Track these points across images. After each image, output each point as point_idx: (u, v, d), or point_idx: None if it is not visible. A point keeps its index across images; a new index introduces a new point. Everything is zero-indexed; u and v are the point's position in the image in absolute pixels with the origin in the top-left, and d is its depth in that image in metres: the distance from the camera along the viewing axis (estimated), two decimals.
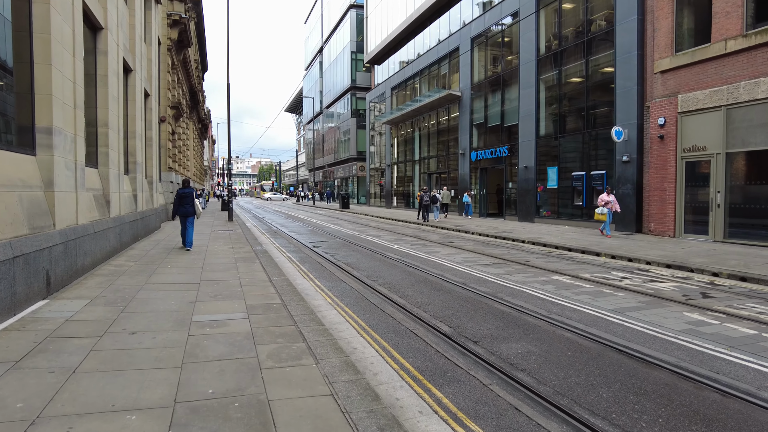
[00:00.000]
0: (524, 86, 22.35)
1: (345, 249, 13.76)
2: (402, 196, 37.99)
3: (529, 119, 22.00)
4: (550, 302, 7.30)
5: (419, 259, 11.78)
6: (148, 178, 17.01)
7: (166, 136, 23.37)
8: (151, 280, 7.92)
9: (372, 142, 45.30)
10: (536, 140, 21.70)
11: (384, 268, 10.46)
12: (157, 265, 9.48)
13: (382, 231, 19.76)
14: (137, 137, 13.90)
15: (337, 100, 56.61)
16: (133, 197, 13.52)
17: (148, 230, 15.48)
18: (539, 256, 12.55)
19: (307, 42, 74.70)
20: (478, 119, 26.49)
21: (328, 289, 8.25)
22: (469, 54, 26.90)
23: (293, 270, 9.97)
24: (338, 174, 57.40)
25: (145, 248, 12.16)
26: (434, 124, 31.74)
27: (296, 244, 14.97)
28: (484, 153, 25.39)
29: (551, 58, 21.01)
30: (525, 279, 9.19)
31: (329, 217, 29.19)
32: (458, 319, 6.32)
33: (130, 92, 13.44)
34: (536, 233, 17.14)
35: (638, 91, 16.57)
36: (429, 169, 32.77)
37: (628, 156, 16.90)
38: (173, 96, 25.72)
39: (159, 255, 11.02)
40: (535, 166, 21.79)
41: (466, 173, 27.24)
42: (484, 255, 12.59)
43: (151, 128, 17.04)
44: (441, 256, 12.32)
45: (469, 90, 26.96)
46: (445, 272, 9.81)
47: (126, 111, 13.36)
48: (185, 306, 6.24)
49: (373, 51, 43.08)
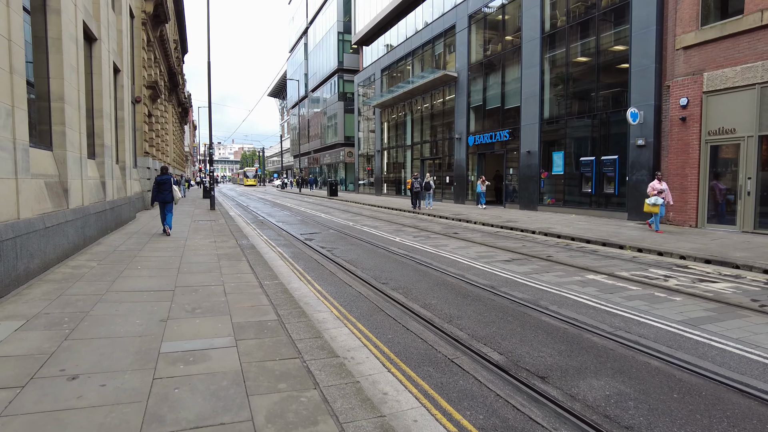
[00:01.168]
0: (527, 66, 20.98)
1: (342, 242, 12.35)
2: (393, 183, 36.56)
3: (533, 101, 20.68)
4: (604, 312, 6.03)
5: (428, 254, 10.44)
6: (120, 163, 15.33)
7: (141, 118, 21.55)
8: (114, 288, 6.43)
9: (360, 127, 43.65)
10: (540, 124, 20.41)
11: (391, 266, 9.10)
12: (125, 266, 7.98)
13: (378, 221, 18.38)
14: (105, 117, 12.23)
15: (323, 83, 54.62)
16: (100, 184, 11.90)
17: (120, 221, 13.86)
18: (559, 249, 11.31)
19: (291, 23, 72.15)
20: (476, 101, 25.09)
21: (332, 295, 6.86)
22: (466, 32, 25.40)
23: (286, 270, 8.55)
24: (325, 160, 55.65)
25: (114, 243, 10.61)
26: (428, 107, 30.26)
27: (286, 237, 13.52)
28: (483, 137, 24.05)
29: (557, 36, 19.65)
30: (558, 280, 7.91)
31: (318, 206, 27.68)
32: (506, 340, 5.00)
33: (95, 64, 11.74)
34: (544, 223, 15.92)
35: (656, 70, 15.33)
36: (422, 155, 31.36)
37: (643, 140, 15.70)
38: (149, 75, 23.79)
39: (129, 251, 9.50)
40: (538, 151, 20.53)
41: (463, 159, 25.91)
42: (499, 249, 11.30)
43: (122, 108, 15.32)
44: (451, 250, 11.00)
45: (467, 71, 25.50)
46: (464, 271, 8.49)
47: (91, 86, 11.68)
48: (153, 326, 4.81)
49: (362, 31, 41.24)
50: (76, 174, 9.21)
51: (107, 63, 12.53)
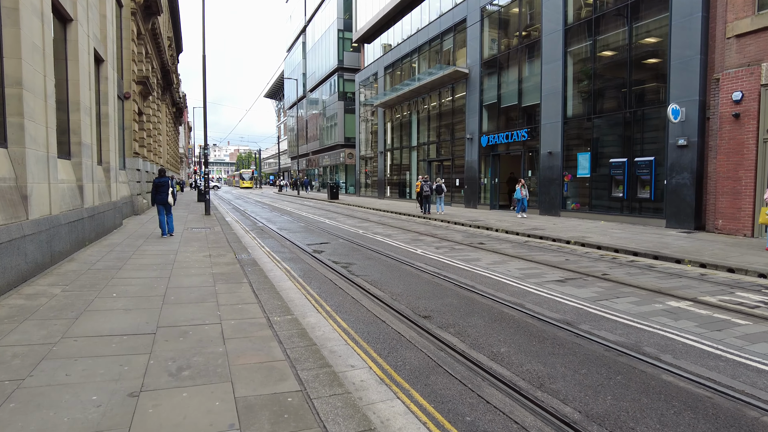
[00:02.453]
0: (548, 60, 19.46)
1: (356, 255, 10.74)
2: (396, 186, 34.97)
3: (554, 98, 19.15)
4: (735, 363, 4.45)
5: (462, 271, 8.84)
6: (104, 164, 13.66)
7: (131, 115, 19.88)
8: (73, 331, 4.79)
9: (361, 128, 42.04)
10: (563, 122, 18.88)
11: (425, 289, 7.50)
12: (96, 293, 6.34)
13: (389, 227, 16.76)
14: (83, 110, 10.58)
15: (322, 83, 53.00)
16: (76, 189, 10.24)
17: (103, 230, 12.20)
18: (610, 264, 9.73)
19: (289, 22, 70.53)
20: (490, 99, 23.54)
21: (364, 337, 5.25)
22: (479, 26, 23.86)
23: (299, 296, 6.92)
24: (324, 162, 53.99)
25: (90, 258, 8.95)
26: (436, 105, 28.70)
27: (291, 248, 11.89)
28: (497, 137, 22.49)
29: (582, 27, 18.13)
30: (638, 309, 6.33)
31: (320, 210, 26.04)
32: (641, 425, 3.40)
33: (70, 49, 10.09)
34: (574, 230, 14.36)
35: (702, 62, 13.82)
36: (428, 156, 29.79)
37: (685, 139, 14.19)
38: (140, 70, 22.13)
39: (107, 270, 7.85)
40: (561, 152, 18.99)
41: (475, 160, 24.34)
42: (541, 264, 9.72)
43: (107, 102, 13.66)
44: (486, 266, 9.40)
45: (479, 67, 23.96)
46: (519, 297, 6.89)
47: (66, 74, 10.04)
48: (117, 409, 3.19)
49: (363, 28, 39.66)
50: (40, 176, 7.56)
51: (86, 49, 10.88)
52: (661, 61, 15.28)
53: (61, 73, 9.98)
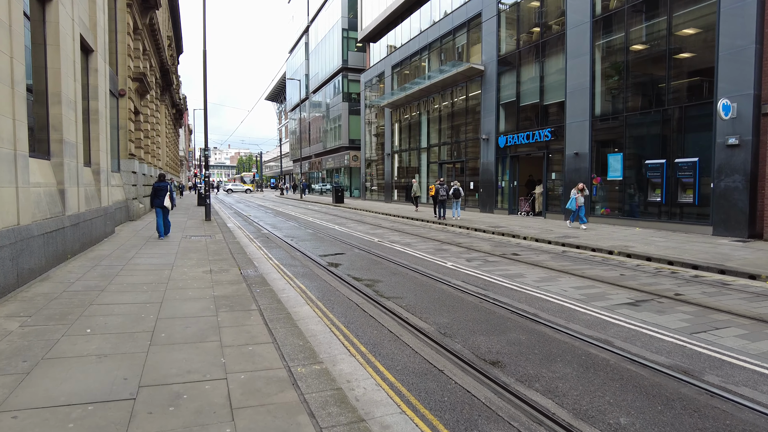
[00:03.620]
0: (573, 55, 18.11)
1: (379, 270, 9.36)
2: (404, 189, 33.59)
3: (581, 95, 17.79)
4: None
5: (510, 292, 7.46)
6: (93, 165, 12.31)
7: (126, 114, 18.54)
8: (15, 398, 3.41)
9: (367, 129, 40.70)
10: (591, 121, 17.52)
11: (480, 318, 6.11)
12: (65, 328, 4.96)
13: (406, 235, 15.38)
14: (66, 104, 9.23)
15: (326, 83, 51.70)
16: (57, 193, 8.87)
17: (90, 240, 10.83)
18: (674, 281, 8.34)
19: (291, 23, 69.30)
20: (508, 97, 22.19)
21: (431, 406, 3.86)
22: (495, 20, 22.54)
23: (322, 329, 5.54)
24: (327, 164, 52.63)
25: (68, 277, 7.57)
26: (447, 105, 27.34)
27: (303, 260, 10.51)
28: (516, 138, 21.13)
29: (613, 18, 16.79)
30: (756, 346, 4.95)
31: (326, 215, 24.66)
32: None
33: (50, 32, 8.74)
34: (611, 239, 12.97)
35: (757, 52, 12.47)
36: (440, 158, 28.42)
37: (736, 138, 12.82)
38: (136, 67, 20.82)
39: (85, 292, 6.47)
40: (589, 153, 17.61)
41: (491, 162, 22.96)
42: (595, 281, 8.34)
43: (97, 97, 12.30)
44: (534, 284, 8.02)
45: (496, 63, 22.61)
46: (601, 331, 5.50)
47: (45, 61, 8.69)
48: None
49: (369, 26, 38.38)
50: (6, 179, 6.21)
51: (69, 34, 9.53)
52: (706, 52, 13.93)
53: (39, 59, 8.64)
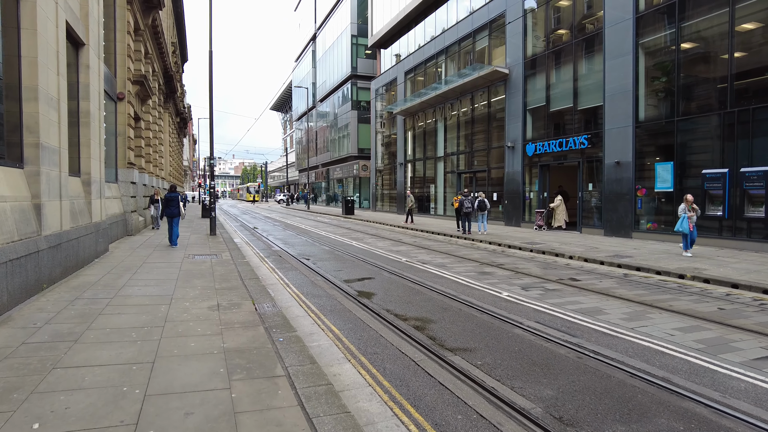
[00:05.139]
0: (612, 55, 16.53)
1: (421, 302, 7.69)
2: (419, 201, 31.97)
3: (622, 99, 16.18)
4: None
5: (599, 336, 5.77)
6: (83, 175, 10.74)
7: (125, 120, 17.03)
8: None
9: (378, 138, 39.17)
10: (635, 126, 15.88)
11: (583, 383, 4.44)
12: (2, 418, 3.31)
13: (434, 252, 13.71)
14: (46, 101, 7.68)
15: (334, 91, 50.35)
16: (31, 209, 7.27)
17: (76, 262, 9.22)
18: None
19: (298, 31, 68.27)
20: (536, 102, 20.60)
21: None
22: (521, 21, 21.03)
23: (379, 407, 3.88)
24: (335, 174, 51.11)
25: (37, 316, 5.93)
26: (467, 111, 25.77)
27: (327, 288, 8.84)
28: (547, 145, 19.50)
29: (661, 14, 15.22)
30: None
31: (338, 228, 23.02)
32: None
33: (24, 13, 7.20)
34: (671, 259, 11.26)
35: None
36: (458, 168, 26.80)
37: None
38: (137, 69, 19.36)
39: (52, 345, 4.83)
40: (632, 162, 15.95)
41: (518, 171, 21.33)
42: (693, 318, 6.64)
43: (88, 97, 10.76)
44: (622, 323, 6.33)
45: (522, 66, 21.07)
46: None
47: (18, 49, 7.15)
48: None
49: (380, 32, 37.05)
50: None
51: (51, 18, 8.00)
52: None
53: (10, 46, 7.10)
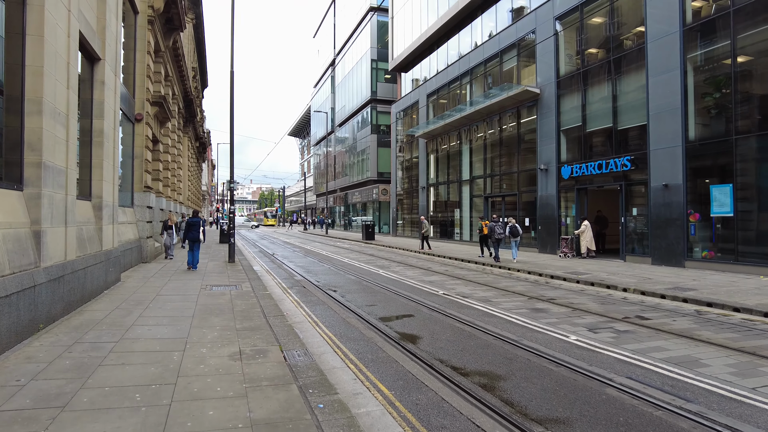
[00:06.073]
0: (656, 71, 15.47)
1: (478, 350, 6.51)
2: (441, 225, 30.83)
3: (670, 117, 15.03)
4: None
5: (728, 405, 4.55)
6: (94, 199, 9.91)
7: (142, 141, 16.37)
8: None
9: (398, 161, 38.35)
10: (684, 146, 14.68)
11: None
12: None
13: (471, 284, 12.51)
14: (51, 115, 6.85)
15: (354, 115, 49.99)
16: (30, 237, 6.36)
17: (81, 296, 8.27)
18: None
19: (317, 57, 68.76)
20: (570, 122, 19.54)
21: None
22: (553, 39, 20.16)
23: None
24: (354, 198, 50.31)
25: (21, 372, 4.92)
26: (494, 132, 24.80)
27: (362, 328, 7.72)
28: (584, 168, 18.33)
29: (710, 26, 14.19)
30: None
31: (361, 254, 21.93)
32: None
33: (31, 17, 6.44)
34: (743, 292, 9.90)
35: None
36: (485, 192, 25.68)
37: None
38: (156, 90, 18.84)
39: (32, 414, 3.79)
40: (683, 184, 14.69)
41: (552, 195, 20.14)
42: None
43: (102, 116, 10.01)
44: (736, 380, 5.08)
45: (554, 85, 20.11)
46: None
47: (22, 56, 6.36)
48: None
49: (401, 55, 36.64)
50: None
51: (61, 26, 7.24)
52: None
53: (13, 54, 6.31)
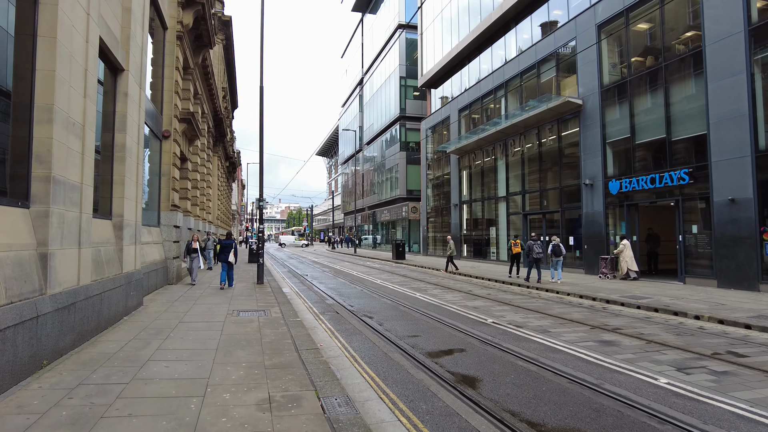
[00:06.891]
0: (717, 76, 14.19)
1: (550, 393, 5.40)
2: (476, 244, 29.57)
3: (735, 125, 13.69)
4: None
5: None
6: (114, 218, 9.26)
7: (170, 159, 15.90)
8: None
9: (428, 178, 37.42)
10: (754, 156, 13.29)
11: None
12: None
13: (521, 310, 11.33)
14: (64, 125, 6.19)
15: (382, 133, 49.49)
16: (35, 260, 5.62)
17: (96, 325, 7.51)
18: None
19: (345, 77, 69.01)
20: (617, 134, 18.27)
21: None
22: (596, 48, 19.05)
23: None
24: (382, 217, 49.47)
25: (11, 423, 4.08)
26: (532, 147, 23.64)
27: (407, 366, 6.69)
28: (635, 182, 16.98)
29: None
30: None
31: (393, 275, 20.90)
32: None
33: (43, 17, 5.82)
34: None
35: None
36: (522, 209, 24.41)
37: None
38: (185, 108, 18.48)
39: None
40: (754, 198, 13.26)
41: (598, 212, 18.79)
42: None
43: (124, 129, 9.43)
44: None
45: (598, 95, 18.92)
46: None
47: (32, 61, 5.72)
48: None
49: (431, 71, 36.01)
50: None
51: (79, 30, 6.63)
52: None
53: (23, 57, 5.67)
